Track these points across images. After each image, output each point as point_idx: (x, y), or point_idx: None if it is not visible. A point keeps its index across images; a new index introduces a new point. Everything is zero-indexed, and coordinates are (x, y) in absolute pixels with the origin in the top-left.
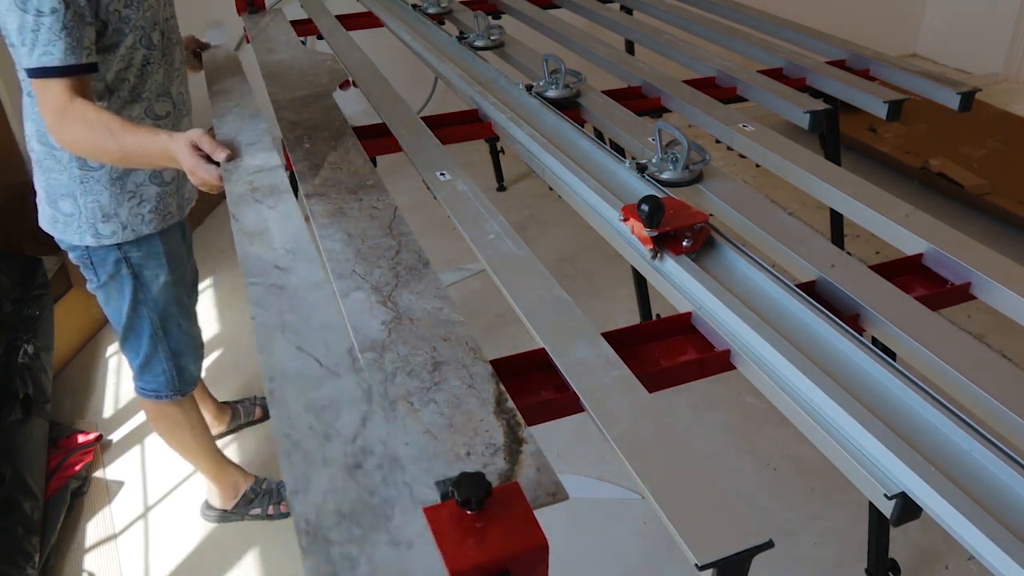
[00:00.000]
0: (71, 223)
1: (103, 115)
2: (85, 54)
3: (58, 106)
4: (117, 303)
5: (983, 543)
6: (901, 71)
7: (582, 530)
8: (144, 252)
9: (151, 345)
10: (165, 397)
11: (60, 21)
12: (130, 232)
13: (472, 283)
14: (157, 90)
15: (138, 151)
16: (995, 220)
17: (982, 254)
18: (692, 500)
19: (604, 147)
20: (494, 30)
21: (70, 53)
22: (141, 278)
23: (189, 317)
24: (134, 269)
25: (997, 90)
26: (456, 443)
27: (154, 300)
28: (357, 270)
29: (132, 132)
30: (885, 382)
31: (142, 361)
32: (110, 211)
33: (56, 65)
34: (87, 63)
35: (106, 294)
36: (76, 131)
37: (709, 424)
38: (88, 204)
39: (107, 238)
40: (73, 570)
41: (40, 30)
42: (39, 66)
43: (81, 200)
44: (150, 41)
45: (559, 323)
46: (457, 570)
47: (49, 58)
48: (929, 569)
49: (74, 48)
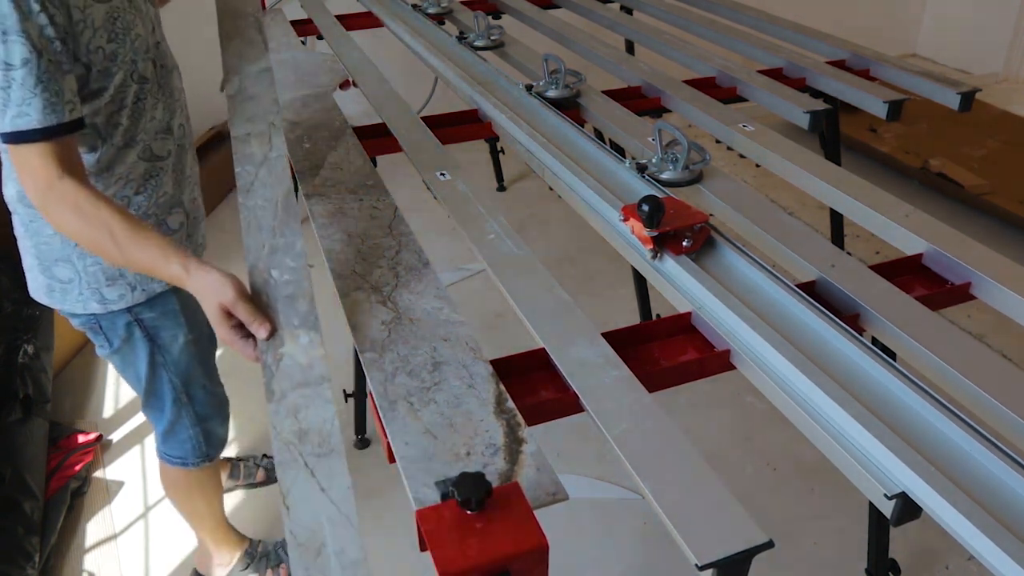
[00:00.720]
0: (71, 290)
1: (101, 209)
2: (68, 109)
3: (41, 181)
4: (134, 369)
5: (983, 543)
6: (901, 71)
7: (582, 530)
8: (158, 312)
9: (175, 411)
10: (192, 465)
11: (33, 74)
12: (140, 292)
13: (472, 283)
14: (156, 128)
15: (144, 269)
16: (995, 220)
17: (982, 254)
18: (692, 500)
19: (604, 147)
20: (494, 30)
21: (49, 111)
22: (158, 340)
23: (213, 377)
24: (149, 332)
25: (997, 90)
26: (456, 443)
27: (175, 363)
28: (357, 270)
29: (139, 246)
30: (885, 382)
31: (166, 427)
32: (114, 272)
33: (34, 127)
34: (71, 120)
35: (121, 360)
36: (68, 220)
37: (709, 424)
38: (88, 267)
39: (115, 303)
40: (73, 570)
41: (11, 87)
42: (14, 130)
43: (79, 263)
44: (142, 76)
45: (559, 323)
46: (457, 570)
47: (25, 120)
48: (929, 569)
49: (53, 104)
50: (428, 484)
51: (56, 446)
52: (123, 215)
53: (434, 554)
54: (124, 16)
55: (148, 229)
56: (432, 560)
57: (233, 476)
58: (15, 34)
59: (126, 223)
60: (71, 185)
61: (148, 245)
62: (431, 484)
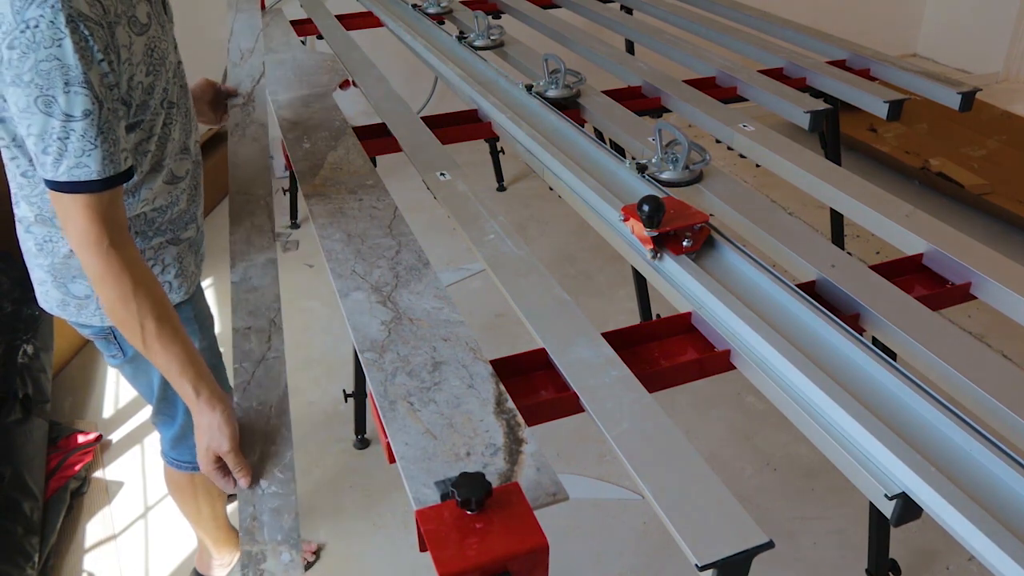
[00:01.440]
0: (87, 305)
1: (141, 297)
2: (123, 158)
3: (85, 235)
4: (147, 378)
5: (983, 543)
6: (901, 71)
7: (582, 530)
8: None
9: (186, 417)
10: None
11: (95, 125)
12: None
13: (472, 283)
14: (176, 149)
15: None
16: (995, 220)
17: (982, 254)
18: (692, 500)
19: (604, 147)
20: (494, 30)
21: (108, 163)
22: None
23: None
24: None
25: (997, 90)
26: (456, 443)
27: None
28: (357, 270)
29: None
30: (885, 382)
31: (177, 433)
32: None
33: (93, 179)
34: (125, 170)
35: (134, 370)
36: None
37: (709, 424)
38: None
39: None
40: (73, 570)
41: (70, 138)
42: (69, 180)
43: None
44: (171, 101)
45: (559, 323)
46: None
47: (84, 171)
48: (929, 569)
49: (112, 156)
50: (428, 484)
51: (56, 446)
52: (159, 310)
53: (434, 554)
54: (159, 46)
55: (177, 333)
56: (432, 560)
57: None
58: (78, 85)
59: (158, 320)
60: (117, 259)
61: (172, 353)
62: (431, 484)
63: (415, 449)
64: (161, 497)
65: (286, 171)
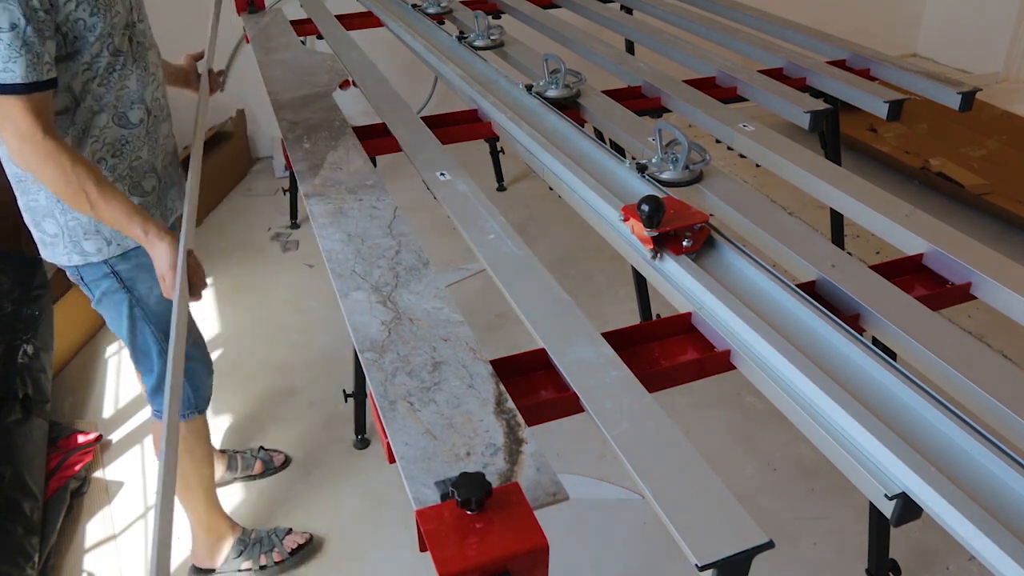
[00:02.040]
0: (57, 243)
1: (79, 169)
2: (46, 70)
3: (20, 130)
4: (117, 321)
5: (983, 543)
6: (901, 71)
7: (582, 530)
8: (133, 265)
9: (161, 363)
10: (184, 417)
11: (20, 37)
12: (115, 247)
13: (472, 283)
14: (130, 98)
15: (112, 225)
16: (995, 220)
17: (982, 254)
18: (692, 500)
19: (604, 147)
20: (494, 30)
21: (31, 70)
22: (135, 292)
23: (193, 330)
24: (126, 284)
25: (997, 90)
26: (456, 443)
27: (154, 315)
28: (357, 270)
29: (108, 205)
30: (885, 382)
31: (155, 382)
32: (91, 228)
33: (17, 82)
34: (48, 79)
35: (106, 313)
36: (48, 175)
37: (709, 424)
38: (69, 223)
39: (93, 255)
40: (73, 570)
41: None
42: None
43: (62, 219)
44: (117, 48)
45: (559, 323)
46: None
47: (9, 75)
48: (929, 569)
49: (35, 64)
50: (428, 484)
51: (56, 446)
52: (96, 176)
53: (434, 554)
54: None
55: (116, 192)
56: (432, 560)
57: (231, 469)
58: (6, 2)
59: (98, 184)
60: (52, 144)
61: (116, 206)
62: (431, 484)
63: (415, 449)
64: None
65: (286, 171)
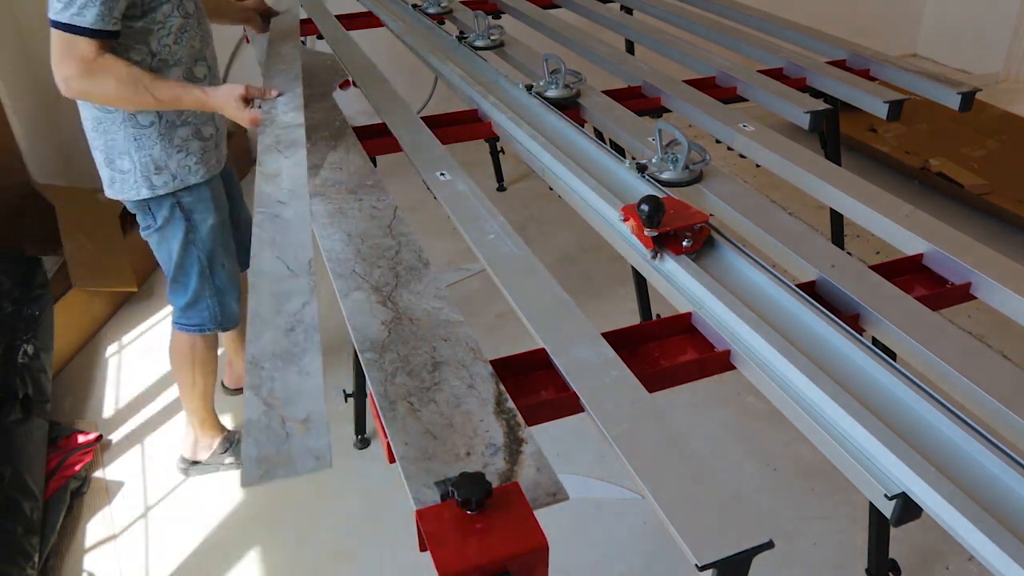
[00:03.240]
0: (128, 179)
1: (133, 70)
2: (112, 23)
3: (84, 58)
4: (170, 244)
5: (983, 543)
6: (901, 71)
7: (582, 530)
8: (194, 198)
9: (199, 283)
10: (208, 330)
11: None
12: (180, 181)
13: (472, 283)
14: (195, 55)
15: (173, 101)
16: (995, 220)
17: (982, 254)
18: (692, 500)
19: (604, 147)
20: (494, 30)
21: (100, 19)
22: (192, 221)
23: (231, 259)
24: (186, 213)
25: (997, 90)
26: (456, 443)
27: (203, 241)
28: (357, 270)
29: (165, 87)
30: (885, 382)
31: (190, 299)
32: (161, 163)
33: (86, 26)
34: (113, 30)
35: (160, 237)
36: (103, 84)
37: (709, 424)
38: (142, 159)
39: (161, 188)
40: (73, 570)
41: None
42: (70, 23)
43: (136, 155)
44: (186, 11)
45: (559, 323)
46: (457, 570)
47: (81, 19)
48: (929, 569)
49: (105, 16)
50: (428, 484)
51: (56, 446)
52: (148, 73)
53: (434, 554)
54: None
55: (166, 79)
56: (432, 560)
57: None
58: None
59: (151, 76)
60: (110, 59)
61: (171, 85)
62: (431, 484)
63: (415, 449)
64: (161, 497)
65: None
